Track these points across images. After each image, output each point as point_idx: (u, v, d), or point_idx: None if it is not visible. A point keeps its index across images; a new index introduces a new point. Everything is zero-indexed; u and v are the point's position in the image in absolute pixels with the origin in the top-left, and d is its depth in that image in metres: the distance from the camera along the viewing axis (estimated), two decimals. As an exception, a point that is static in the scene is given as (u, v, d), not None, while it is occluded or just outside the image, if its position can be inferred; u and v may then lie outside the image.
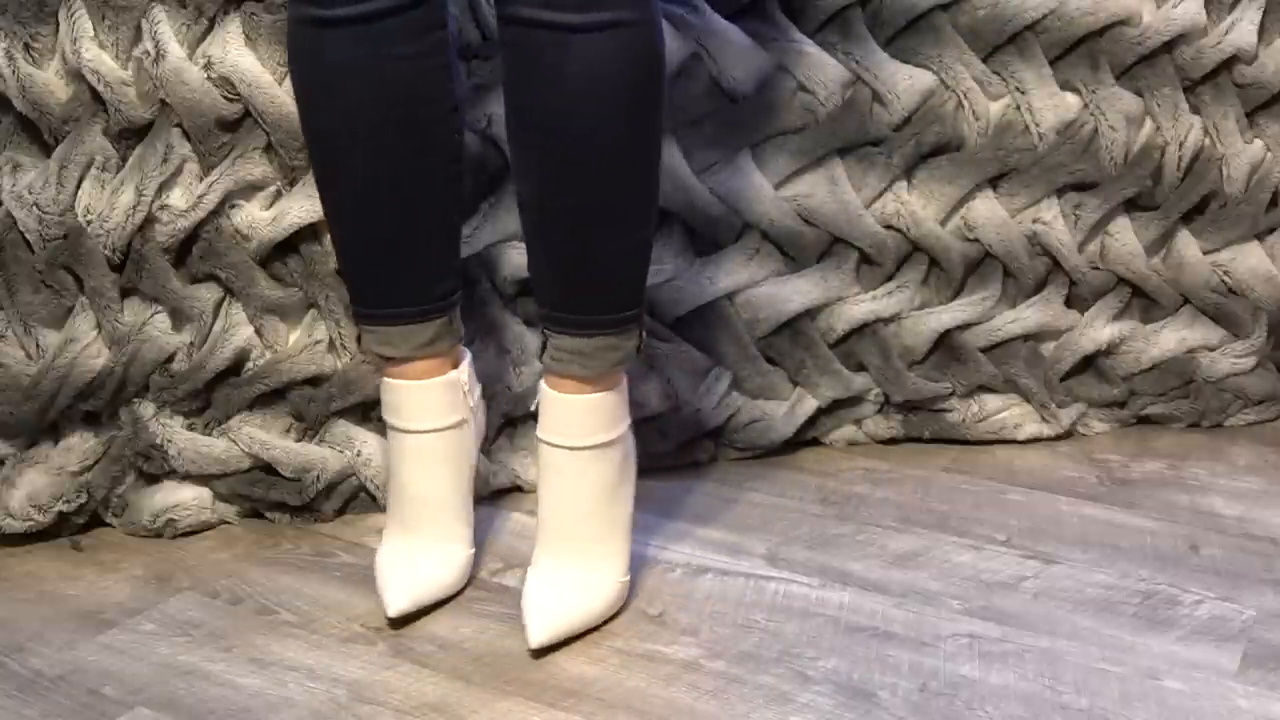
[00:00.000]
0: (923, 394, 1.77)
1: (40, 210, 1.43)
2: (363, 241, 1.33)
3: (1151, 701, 1.24)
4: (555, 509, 1.35)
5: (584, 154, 1.23)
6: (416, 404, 1.38)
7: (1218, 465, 1.76)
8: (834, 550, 1.52)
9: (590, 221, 1.26)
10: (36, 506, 1.48)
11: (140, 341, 1.48)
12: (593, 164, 1.23)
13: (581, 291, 1.29)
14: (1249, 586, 1.45)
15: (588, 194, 1.25)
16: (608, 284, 1.30)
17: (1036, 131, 1.69)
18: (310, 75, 1.27)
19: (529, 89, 1.22)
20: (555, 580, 1.34)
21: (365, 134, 1.27)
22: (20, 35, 1.43)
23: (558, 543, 1.35)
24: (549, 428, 1.33)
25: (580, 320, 1.29)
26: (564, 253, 1.28)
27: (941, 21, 1.67)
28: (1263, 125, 1.78)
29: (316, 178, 1.33)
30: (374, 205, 1.31)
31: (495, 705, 1.23)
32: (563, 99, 1.20)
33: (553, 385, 1.33)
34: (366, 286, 1.35)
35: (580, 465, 1.33)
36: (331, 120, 1.28)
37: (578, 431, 1.32)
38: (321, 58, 1.25)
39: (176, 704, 1.23)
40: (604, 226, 1.27)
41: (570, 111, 1.21)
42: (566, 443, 1.33)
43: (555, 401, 1.32)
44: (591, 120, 1.21)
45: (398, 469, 1.40)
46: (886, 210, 1.71)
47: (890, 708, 1.23)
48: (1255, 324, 1.82)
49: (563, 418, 1.32)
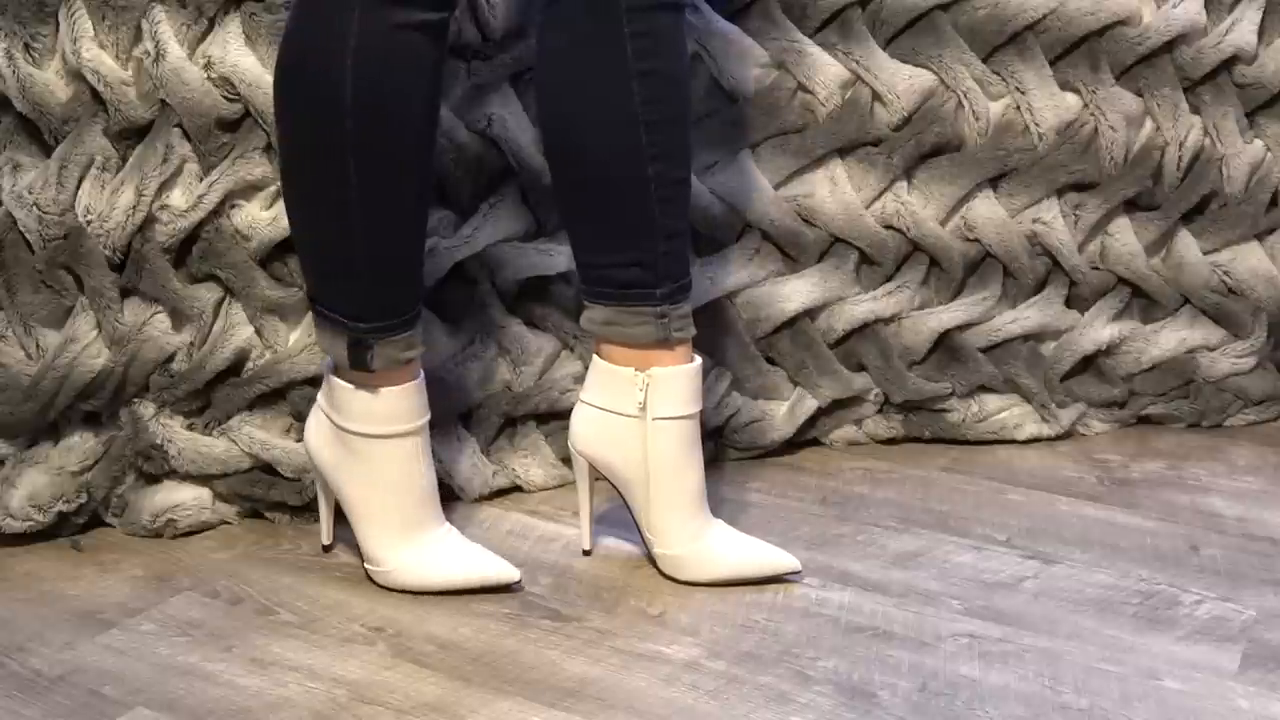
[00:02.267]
0: (923, 394, 1.77)
1: (40, 210, 1.43)
2: (381, 245, 1.34)
3: (1151, 701, 1.24)
4: (697, 479, 1.45)
5: (676, 128, 1.40)
6: (418, 401, 1.39)
7: (1218, 465, 1.76)
8: (834, 550, 1.52)
9: (680, 189, 1.41)
10: (36, 506, 1.48)
11: (140, 341, 1.48)
12: (679, 140, 1.40)
13: (679, 250, 1.40)
14: (1249, 586, 1.45)
15: (677, 164, 1.40)
16: (684, 245, 1.42)
17: (1036, 131, 1.69)
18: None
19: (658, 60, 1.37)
20: (728, 534, 1.45)
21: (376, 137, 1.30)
22: (20, 35, 1.43)
23: (705, 509, 1.46)
24: (669, 402, 1.41)
25: (685, 283, 1.42)
26: (671, 217, 1.39)
27: (941, 21, 1.67)
28: (1263, 125, 1.78)
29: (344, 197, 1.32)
30: (389, 210, 1.33)
31: (495, 705, 1.23)
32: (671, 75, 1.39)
33: (664, 357, 1.41)
34: (375, 298, 1.35)
35: (693, 433, 1.45)
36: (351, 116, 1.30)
37: (689, 398, 1.43)
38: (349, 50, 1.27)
39: (176, 704, 1.23)
40: (682, 196, 1.42)
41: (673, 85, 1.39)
42: (685, 411, 1.42)
43: (667, 375, 1.40)
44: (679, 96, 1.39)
45: (403, 472, 1.40)
46: (886, 210, 1.71)
47: (890, 708, 1.23)
48: (1255, 324, 1.82)
49: (673, 389, 1.41)
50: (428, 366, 1.55)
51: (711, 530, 1.44)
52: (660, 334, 1.39)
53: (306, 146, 1.30)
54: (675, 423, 1.41)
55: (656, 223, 1.37)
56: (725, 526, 1.45)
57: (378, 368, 1.35)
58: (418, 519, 1.41)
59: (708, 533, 1.43)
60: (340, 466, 1.40)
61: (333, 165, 1.28)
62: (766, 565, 1.43)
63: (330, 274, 1.35)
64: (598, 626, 1.36)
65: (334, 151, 1.28)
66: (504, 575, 1.40)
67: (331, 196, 1.30)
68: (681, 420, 1.41)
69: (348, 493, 1.41)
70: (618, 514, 1.55)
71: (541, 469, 1.65)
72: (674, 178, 1.37)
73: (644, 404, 1.40)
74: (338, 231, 1.32)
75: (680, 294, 1.40)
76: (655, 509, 1.42)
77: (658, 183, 1.36)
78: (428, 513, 1.41)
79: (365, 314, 1.34)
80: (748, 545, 1.44)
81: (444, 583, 1.40)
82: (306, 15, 1.28)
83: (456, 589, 1.40)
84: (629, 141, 1.35)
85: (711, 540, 1.43)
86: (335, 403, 1.39)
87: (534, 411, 1.64)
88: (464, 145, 1.57)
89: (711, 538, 1.43)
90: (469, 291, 1.62)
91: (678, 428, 1.41)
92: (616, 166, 1.36)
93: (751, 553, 1.43)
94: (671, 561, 1.43)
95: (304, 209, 1.34)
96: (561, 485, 1.66)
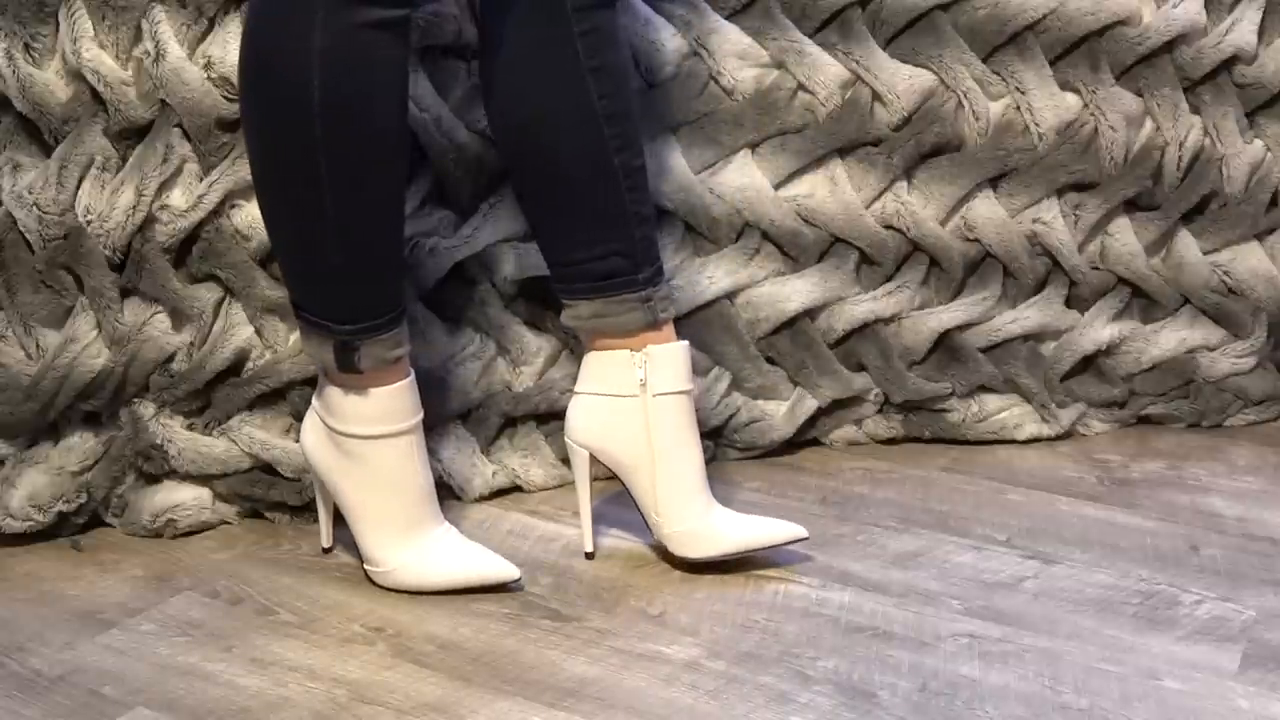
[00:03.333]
0: (923, 394, 1.77)
1: (40, 210, 1.43)
2: (380, 250, 1.35)
3: (1151, 701, 1.24)
4: (697, 455, 1.46)
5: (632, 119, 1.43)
6: (410, 400, 1.39)
7: (1218, 465, 1.76)
8: (834, 550, 1.52)
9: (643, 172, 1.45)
10: (36, 506, 1.48)
11: (140, 341, 1.48)
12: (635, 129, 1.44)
13: (650, 235, 1.45)
14: (1249, 586, 1.45)
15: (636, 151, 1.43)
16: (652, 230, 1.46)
17: (1036, 131, 1.69)
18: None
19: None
20: (731, 514, 1.47)
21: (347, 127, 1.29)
22: (20, 35, 1.43)
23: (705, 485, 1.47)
24: (667, 379, 1.44)
25: (659, 265, 1.46)
26: (648, 205, 1.46)
27: (941, 21, 1.67)
28: (1263, 125, 1.78)
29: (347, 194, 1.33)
30: (364, 200, 1.32)
31: (495, 705, 1.23)
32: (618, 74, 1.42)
33: (655, 336, 1.44)
34: (379, 293, 1.35)
35: (689, 407, 1.47)
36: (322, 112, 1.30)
37: (684, 375, 1.46)
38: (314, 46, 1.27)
39: (176, 704, 1.23)
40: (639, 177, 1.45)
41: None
42: (682, 386, 1.44)
43: (663, 351, 1.44)
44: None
45: (399, 472, 1.40)
46: (886, 210, 1.71)
47: (890, 708, 1.23)
48: (1255, 324, 1.82)
49: (666, 365, 1.44)
50: (428, 366, 1.55)
51: (716, 508, 1.45)
52: (648, 317, 1.43)
53: (277, 151, 1.30)
54: (674, 397, 1.43)
55: (629, 211, 1.42)
56: (726, 509, 1.47)
57: (366, 368, 1.35)
58: (416, 519, 1.41)
59: (714, 509, 1.45)
60: (336, 469, 1.41)
61: (305, 168, 1.28)
62: (776, 535, 1.45)
63: (311, 278, 1.35)
64: (598, 626, 1.36)
65: (305, 154, 1.27)
66: (504, 574, 1.40)
67: (306, 200, 1.30)
68: (680, 395, 1.44)
69: (345, 495, 1.41)
70: (617, 514, 1.55)
71: (541, 469, 1.65)
72: (635, 165, 1.42)
73: (644, 380, 1.42)
74: (315, 235, 1.31)
75: (658, 276, 1.44)
76: (661, 487, 1.43)
77: (624, 172, 1.41)
78: (426, 512, 1.41)
79: (349, 316, 1.34)
80: (753, 520, 1.46)
81: (444, 582, 1.40)
82: (265, 17, 1.28)
83: (457, 589, 1.40)
84: (593, 135, 1.39)
85: (718, 516, 1.45)
86: (328, 406, 1.40)
87: (534, 411, 1.64)
88: (464, 145, 1.57)
89: (718, 514, 1.45)
90: (469, 291, 1.62)
91: (676, 402, 1.43)
92: (586, 161, 1.40)
93: (759, 525, 1.45)
94: (683, 538, 1.44)
95: (279, 214, 1.34)
96: (561, 485, 1.66)
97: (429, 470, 1.42)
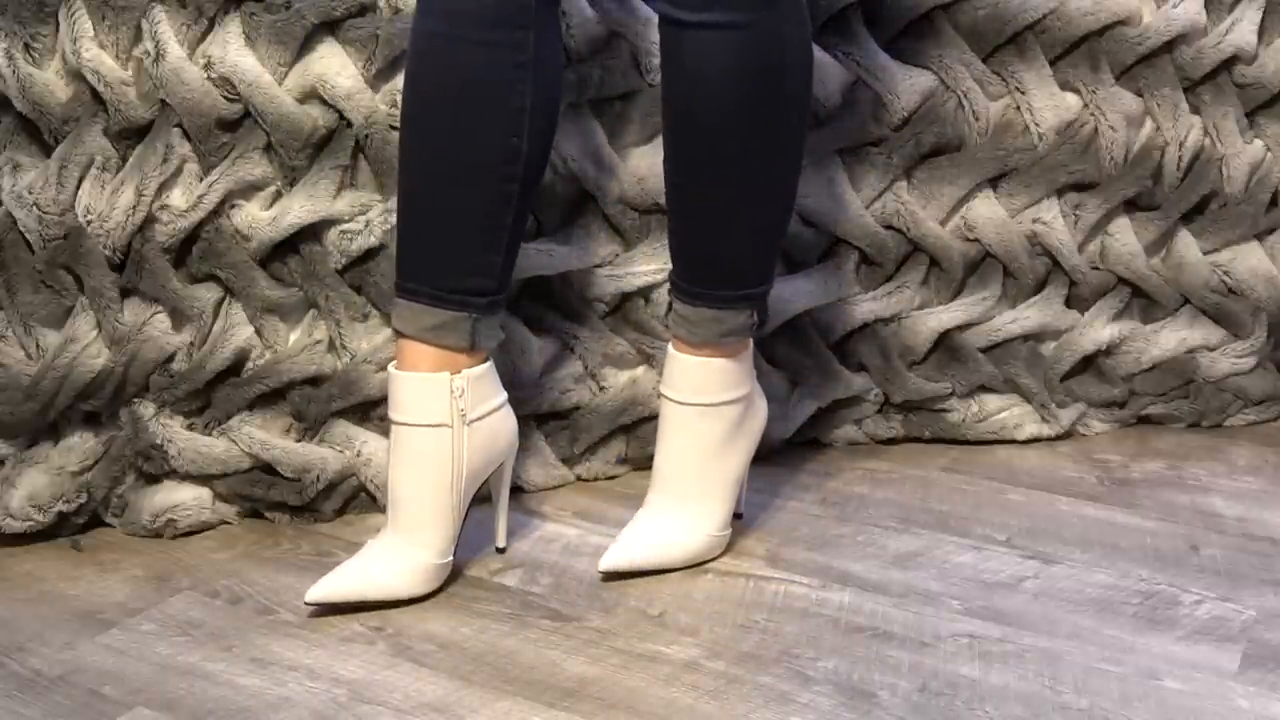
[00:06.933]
0: (923, 394, 1.77)
1: (40, 210, 1.43)
2: (408, 211, 1.37)
3: (1151, 701, 1.24)
4: (664, 458, 1.47)
5: (693, 142, 1.37)
6: (395, 393, 1.39)
7: (1218, 465, 1.76)
8: (834, 550, 1.52)
9: (702, 204, 1.40)
10: (36, 506, 1.48)
11: (140, 341, 1.49)
12: (701, 153, 1.37)
13: (695, 265, 1.43)
14: (1249, 586, 1.45)
15: (698, 177, 1.38)
16: (717, 263, 1.42)
17: (1036, 131, 1.69)
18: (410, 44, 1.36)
19: (664, 75, 1.37)
20: (650, 521, 1.46)
21: (425, 107, 1.34)
22: (20, 35, 1.43)
23: (662, 489, 1.47)
24: (666, 382, 1.46)
25: (691, 290, 1.43)
26: (682, 227, 1.42)
27: (941, 21, 1.67)
28: (1263, 125, 1.78)
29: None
30: (419, 178, 1.36)
31: (495, 705, 1.23)
32: (676, 88, 1.36)
33: (674, 345, 1.46)
34: (403, 257, 1.38)
35: (688, 420, 1.45)
36: (408, 89, 1.35)
37: (688, 388, 1.44)
38: (414, 29, 1.34)
39: (176, 704, 1.23)
40: (713, 212, 1.40)
41: (679, 99, 1.36)
42: (677, 397, 1.45)
43: (672, 359, 1.45)
44: (695, 111, 1.35)
45: (389, 460, 1.41)
46: (886, 210, 1.71)
47: (890, 708, 1.23)
48: (1255, 324, 1.82)
49: (675, 374, 1.45)
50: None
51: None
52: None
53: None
54: (666, 402, 1.48)
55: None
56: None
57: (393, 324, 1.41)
58: (391, 517, 1.42)
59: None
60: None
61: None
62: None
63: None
64: (598, 626, 1.36)
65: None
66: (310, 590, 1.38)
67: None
68: (669, 402, 1.48)
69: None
70: (616, 513, 1.55)
71: (541, 469, 1.65)
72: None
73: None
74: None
75: (675, 289, 1.48)
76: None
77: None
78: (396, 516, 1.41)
79: (396, 264, 1.39)
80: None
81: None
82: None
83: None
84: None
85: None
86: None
87: (534, 412, 1.64)
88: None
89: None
90: (469, 291, 1.62)
91: (668, 407, 1.48)
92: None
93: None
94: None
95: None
96: (561, 485, 1.66)
97: (412, 482, 1.41)
